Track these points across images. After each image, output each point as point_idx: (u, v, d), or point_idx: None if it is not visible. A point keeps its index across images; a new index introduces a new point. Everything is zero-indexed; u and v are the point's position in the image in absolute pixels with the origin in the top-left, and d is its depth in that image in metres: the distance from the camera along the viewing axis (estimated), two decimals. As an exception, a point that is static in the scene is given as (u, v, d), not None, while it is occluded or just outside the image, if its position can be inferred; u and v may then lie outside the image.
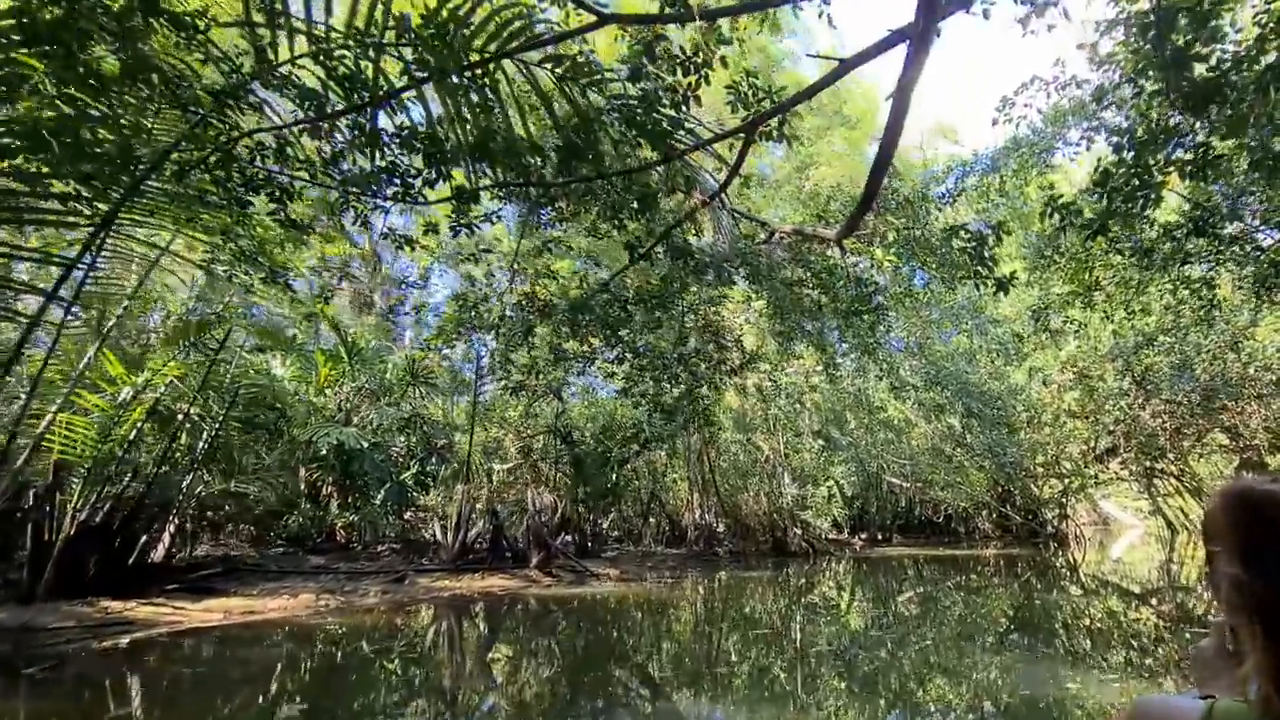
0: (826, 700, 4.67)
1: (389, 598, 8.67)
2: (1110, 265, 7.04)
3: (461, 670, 5.50)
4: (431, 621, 7.50)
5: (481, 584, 10.02)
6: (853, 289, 9.73)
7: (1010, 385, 17.67)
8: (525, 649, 6.34)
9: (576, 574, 11.35)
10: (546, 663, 5.73)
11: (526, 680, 5.13)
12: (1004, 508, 25.49)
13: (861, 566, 15.85)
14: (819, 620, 8.06)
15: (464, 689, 4.95)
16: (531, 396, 13.50)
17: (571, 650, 6.41)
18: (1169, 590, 11.09)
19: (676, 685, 4.94)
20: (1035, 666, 5.78)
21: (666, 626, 7.69)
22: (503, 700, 4.64)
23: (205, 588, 7.95)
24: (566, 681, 5.15)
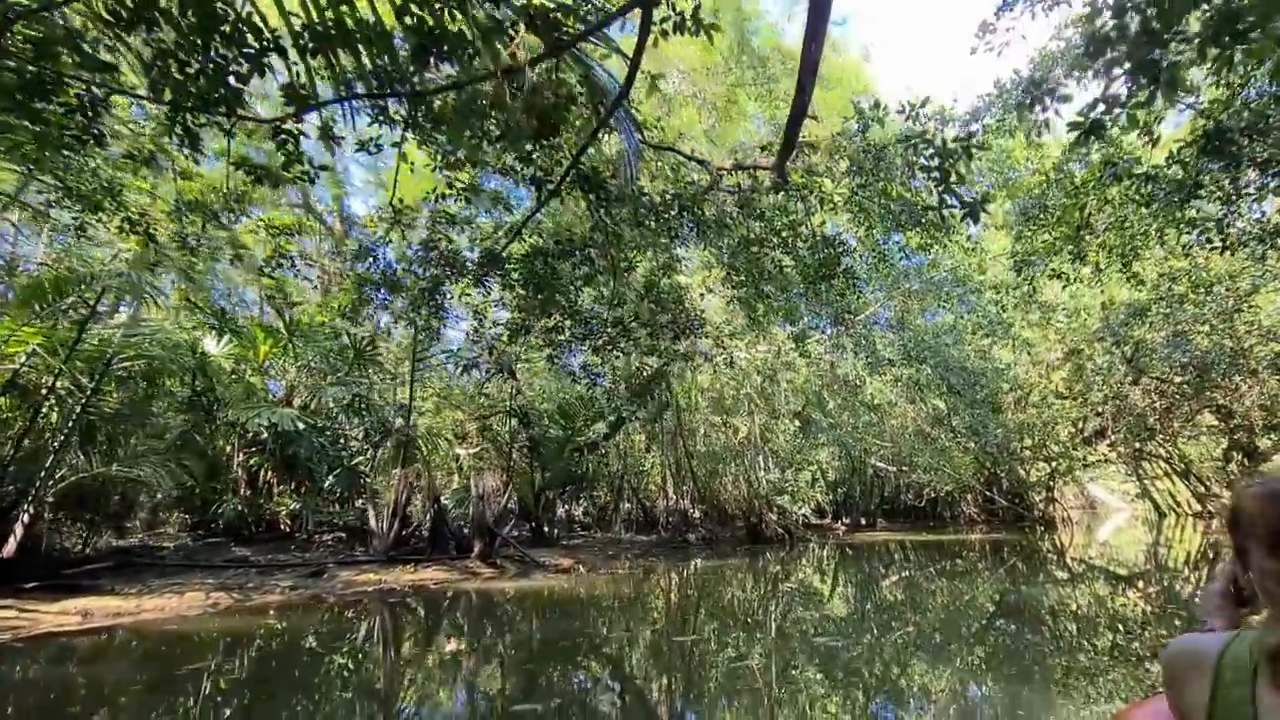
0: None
1: (296, 594, 7.68)
2: (1106, 200, 6.03)
3: (307, 692, 4.51)
4: (327, 623, 6.51)
5: (412, 577, 9.04)
6: (820, 251, 8.74)
7: (996, 365, 16.75)
8: (417, 661, 5.35)
9: (523, 564, 10.39)
10: (433, 679, 4.76)
11: (390, 708, 4.15)
12: (990, 491, 24.71)
13: (842, 553, 14.96)
14: (784, 617, 7.11)
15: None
16: (487, 374, 12.47)
17: (473, 659, 5.43)
18: (1156, 573, 10.65)
19: (566, 704, 3.99)
20: (1020, 662, 4.91)
21: (596, 626, 6.73)
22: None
23: (78, 585, 6.93)
24: (440, 703, 4.18)
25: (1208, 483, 25.91)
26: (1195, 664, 0.96)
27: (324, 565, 8.87)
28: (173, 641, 5.61)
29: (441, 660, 5.24)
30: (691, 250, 9.31)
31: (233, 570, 8.51)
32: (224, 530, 12.86)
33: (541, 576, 9.60)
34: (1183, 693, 0.97)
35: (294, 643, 5.71)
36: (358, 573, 8.92)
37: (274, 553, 10.66)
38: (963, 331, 16.61)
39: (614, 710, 3.97)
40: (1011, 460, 22.88)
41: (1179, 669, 0.99)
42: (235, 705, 4.02)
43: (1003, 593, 8.91)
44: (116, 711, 3.97)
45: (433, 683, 4.60)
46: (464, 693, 4.37)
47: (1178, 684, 0.99)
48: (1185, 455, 25.55)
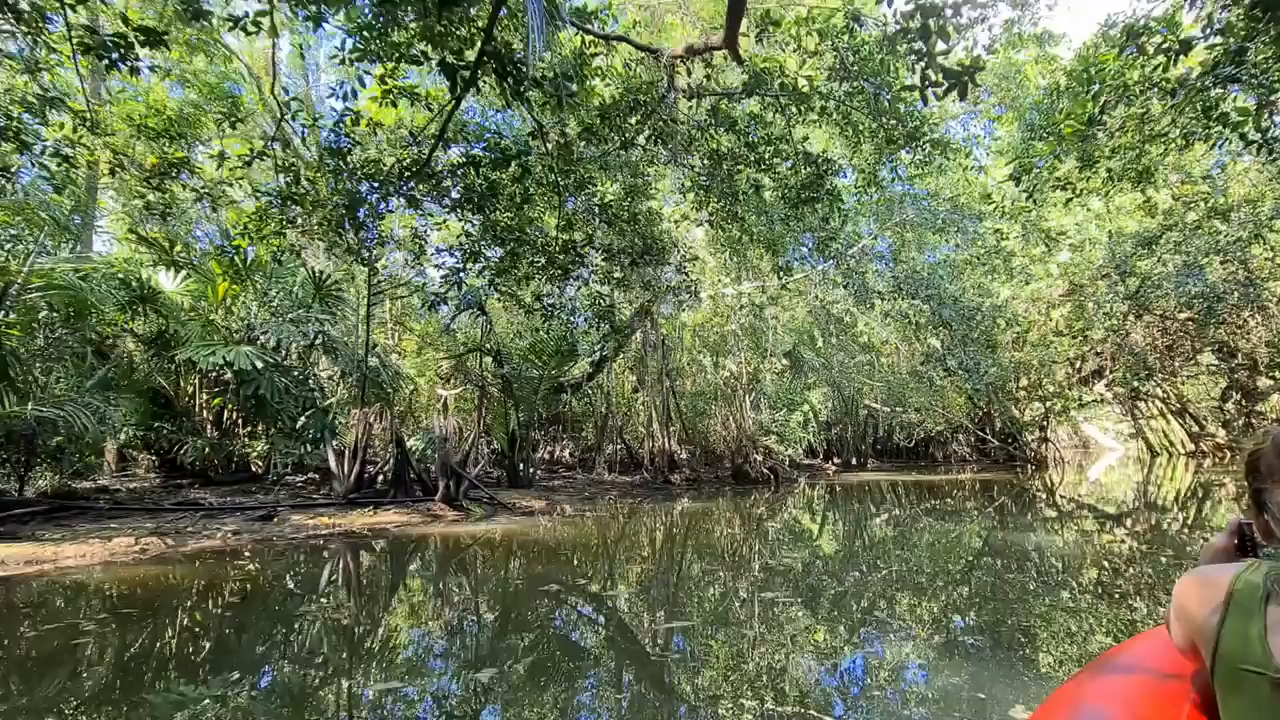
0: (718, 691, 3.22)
1: (238, 539, 7.23)
2: (1125, 89, 5.11)
3: (186, 646, 4.02)
4: (258, 570, 6.05)
5: (369, 520, 8.61)
6: (802, 169, 7.86)
7: (994, 301, 15.96)
8: (335, 615, 4.87)
9: (491, 507, 9.98)
10: (350, 637, 4.27)
11: (287, 668, 3.65)
12: (982, 432, 24.36)
13: (829, 494, 14.63)
14: (760, 561, 6.65)
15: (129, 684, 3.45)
16: (457, 310, 11.77)
17: (407, 609, 4.97)
18: (1144, 512, 10.41)
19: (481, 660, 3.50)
20: (1002, 600, 4.69)
21: (550, 573, 6.28)
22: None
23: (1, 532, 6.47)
24: (357, 658, 3.69)
25: (1203, 422, 25.56)
26: (1208, 588, 0.92)
27: (274, 509, 8.42)
28: (69, 593, 5.13)
29: (370, 613, 4.76)
30: (662, 170, 8.42)
31: (178, 514, 8.06)
32: (191, 472, 12.50)
33: (507, 520, 9.18)
34: (1194, 616, 0.93)
35: (205, 594, 5.23)
36: (311, 516, 8.48)
37: (238, 495, 10.25)
38: (959, 264, 15.76)
39: (564, 672, 3.47)
40: (1006, 400, 22.40)
41: (1192, 594, 0.95)
42: (53, 675, 3.52)
43: (988, 531, 8.48)
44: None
45: (348, 642, 4.11)
46: (383, 655, 3.87)
47: (1189, 610, 0.95)
48: (1182, 395, 25.10)
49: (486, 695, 3.14)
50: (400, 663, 3.65)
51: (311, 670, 3.49)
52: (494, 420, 12.62)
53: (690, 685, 3.28)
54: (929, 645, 3.83)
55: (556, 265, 6.52)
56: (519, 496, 11.22)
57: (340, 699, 3.17)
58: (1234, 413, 24.41)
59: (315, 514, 8.64)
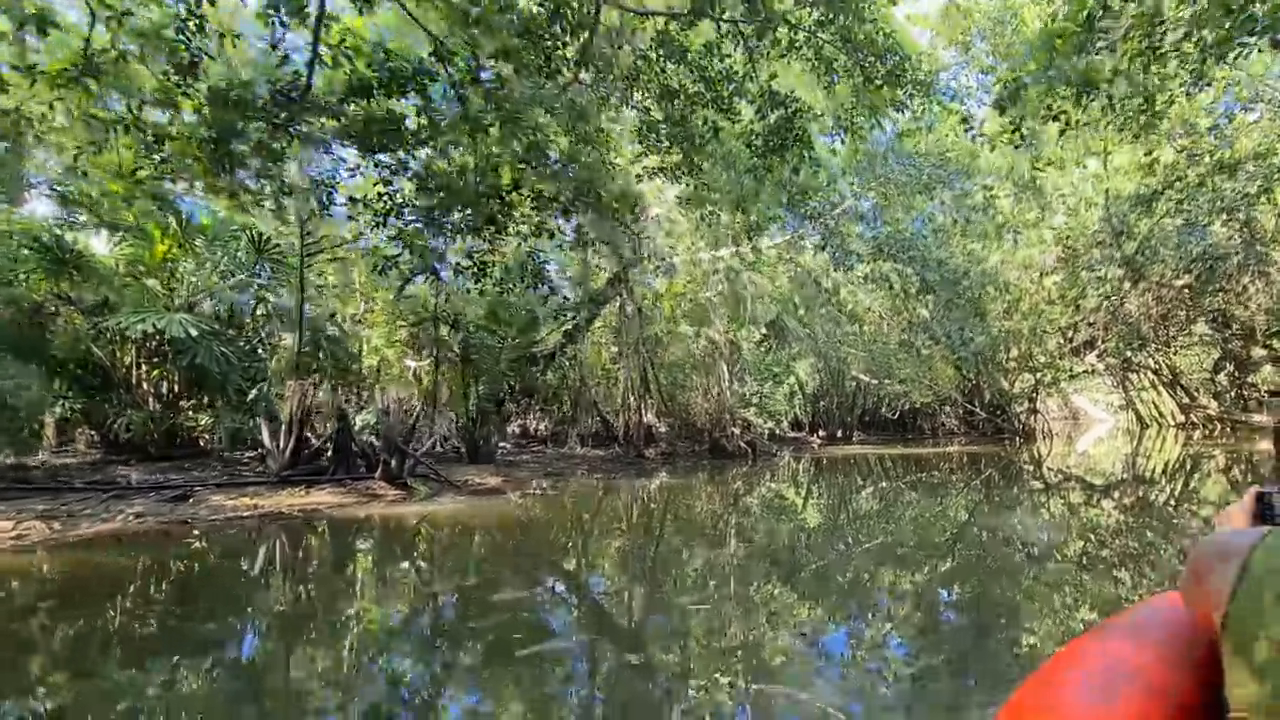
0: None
1: (142, 523, 6.52)
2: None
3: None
4: (146, 561, 5.36)
5: (300, 500, 7.91)
6: (769, 111, 7.01)
7: (984, 269, 15.17)
8: (202, 624, 4.19)
9: (439, 484, 9.31)
10: (204, 653, 3.59)
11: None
12: (971, 404, 23.81)
13: (811, 468, 14.04)
14: (711, 557, 6.00)
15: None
16: (401, 273, 10.91)
17: (297, 612, 4.30)
18: (1132, 483, 10.17)
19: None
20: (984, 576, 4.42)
21: (482, 564, 5.62)
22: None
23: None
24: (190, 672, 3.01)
25: (1194, 394, 25.09)
26: (1224, 554, 0.87)
27: (191, 488, 7.71)
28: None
29: (246, 625, 4.08)
30: (615, 113, 7.54)
31: (85, 494, 7.35)
32: (130, 448, 11.75)
33: (453, 500, 8.50)
34: (1206, 582, 0.88)
35: (64, 592, 4.54)
36: (234, 496, 7.77)
37: (172, 472, 9.53)
38: (949, 229, 14.93)
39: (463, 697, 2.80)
40: (995, 371, 21.80)
41: (1205, 559, 0.91)
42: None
43: (970, 506, 7.87)
44: None
45: (196, 661, 3.42)
46: (241, 678, 3.19)
47: (1202, 575, 0.90)
48: (1174, 366, 24.59)
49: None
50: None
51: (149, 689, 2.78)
52: (453, 392, 11.89)
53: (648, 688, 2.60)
54: (906, 627, 3.55)
55: (481, 215, 5.70)
56: (476, 473, 10.54)
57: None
58: (1226, 384, 23.94)
59: (240, 494, 7.94)
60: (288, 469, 8.87)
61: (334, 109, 4.66)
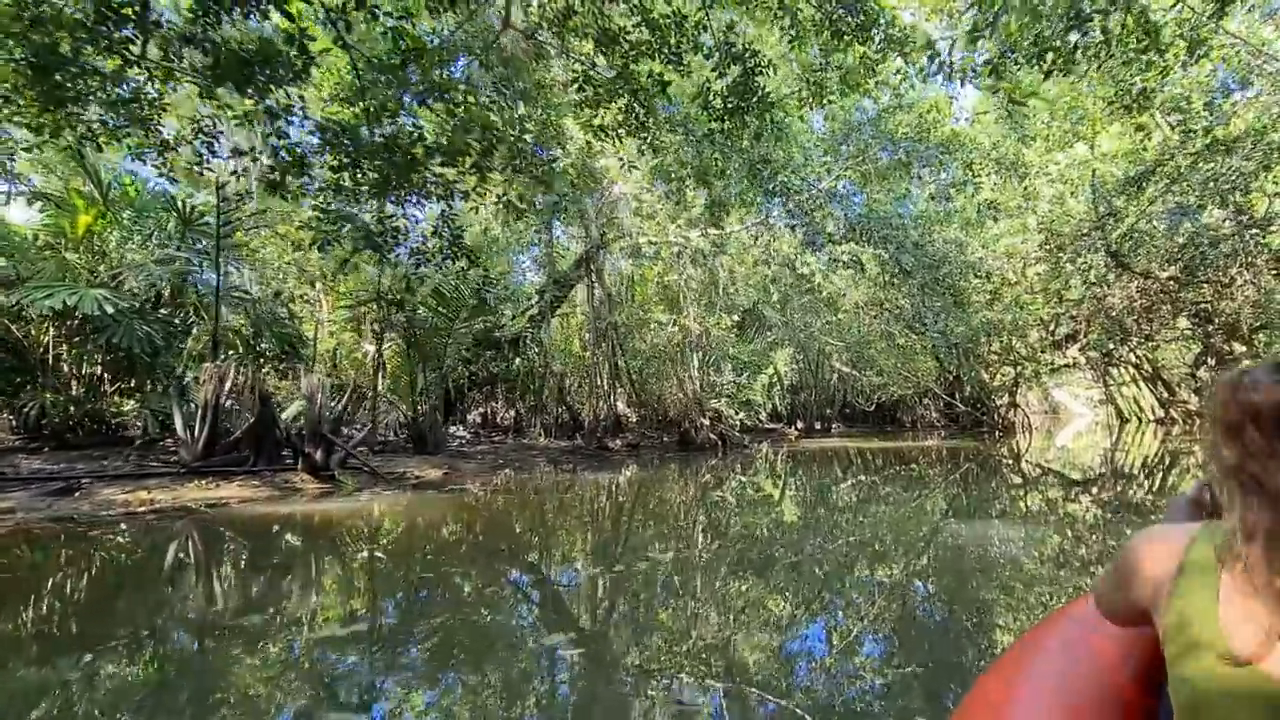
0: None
1: (7, 520, 5.71)
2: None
3: None
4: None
5: (207, 494, 7.10)
6: (725, 66, 6.24)
7: (966, 257, 14.52)
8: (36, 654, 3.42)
9: (370, 477, 8.53)
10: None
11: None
12: (951, 397, 23.33)
13: (784, 461, 13.39)
14: (651, 568, 5.30)
15: None
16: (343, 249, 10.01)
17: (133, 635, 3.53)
18: (1110, 479, 9.91)
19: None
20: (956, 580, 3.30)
21: (387, 571, 4.87)
22: None
23: None
24: None
25: (1175, 389, 24.82)
26: (1162, 549, 0.86)
27: (78, 480, 6.88)
28: None
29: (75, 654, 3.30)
30: (547, 62, 6.72)
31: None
32: (50, 434, 10.84)
33: (384, 495, 7.73)
34: (1146, 579, 0.87)
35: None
36: (130, 489, 6.94)
37: (80, 461, 8.67)
38: (925, 210, 14.25)
39: None
40: (975, 364, 21.30)
41: (1145, 554, 0.89)
42: None
43: (949, 500, 7.22)
44: None
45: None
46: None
47: (1142, 571, 0.88)
48: (1155, 361, 24.28)
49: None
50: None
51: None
52: (397, 378, 11.09)
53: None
54: (877, 627, 3.38)
55: (383, 172, 4.90)
56: (418, 465, 9.77)
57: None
58: (1206, 380, 23.64)
59: (138, 487, 7.11)
60: (200, 459, 8.03)
61: (188, 33, 3.84)
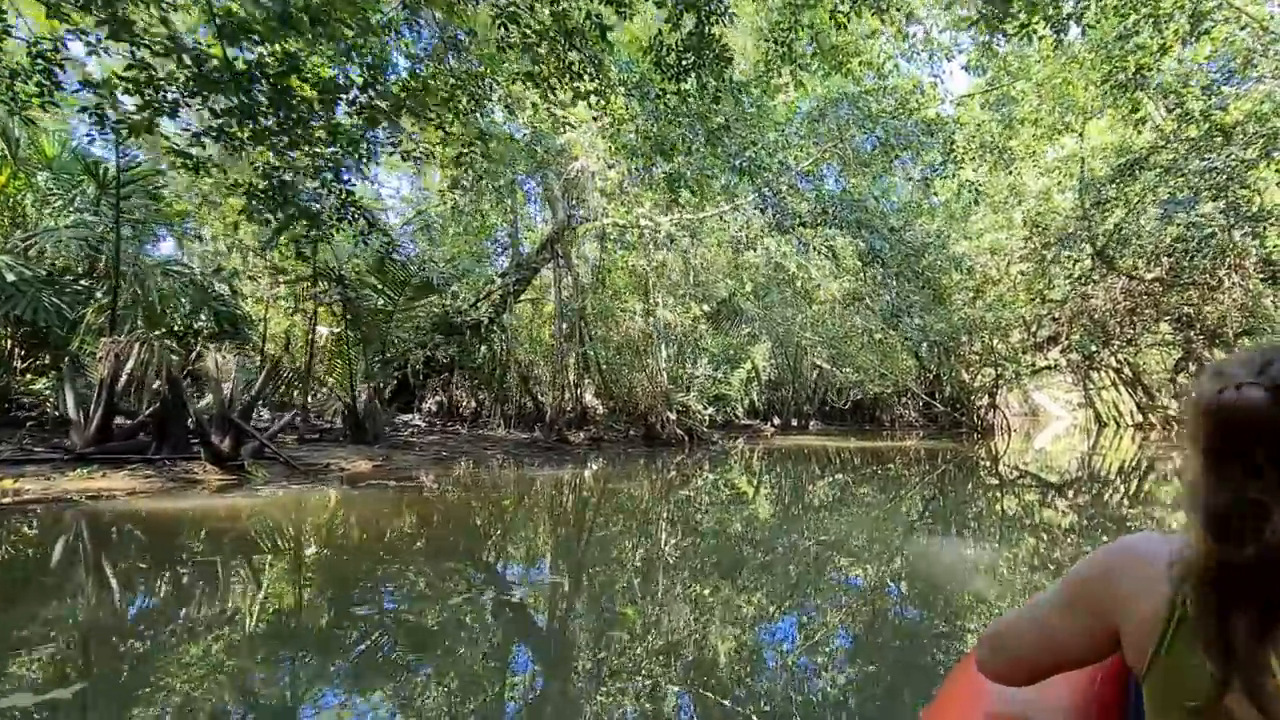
0: None
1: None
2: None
3: None
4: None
5: (92, 484, 6.27)
6: (684, 24, 5.51)
7: (946, 246, 13.88)
8: None
9: (287, 469, 7.74)
10: None
11: None
12: (931, 396, 22.84)
13: (757, 459, 12.74)
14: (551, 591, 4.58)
15: None
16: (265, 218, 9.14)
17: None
18: (1087, 482, 9.65)
19: None
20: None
21: (261, 583, 4.10)
22: None
23: None
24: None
25: (1154, 394, 24.56)
26: (1147, 559, 0.73)
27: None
28: None
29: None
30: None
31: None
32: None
33: (294, 489, 6.94)
34: (1120, 592, 0.74)
35: None
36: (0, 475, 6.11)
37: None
38: (906, 196, 13.59)
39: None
40: (956, 363, 20.81)
41: (1121, 567, 0.76)
42: None
43: (925, 503, 6.58)
44: None
45: None
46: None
47: (1115, 584, 0.75)
48: (1136, 365, 24.00)
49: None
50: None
51: None
52: (332, 361, 10.27)
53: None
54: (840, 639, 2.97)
55: (266, 116, 4.11)
56: (349, 457, 8.98)
57: None
58: (1186, 385, 23.39)
59: (11, 473, 6.27)
60: (92, 445, 7.19)
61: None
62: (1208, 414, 0.68)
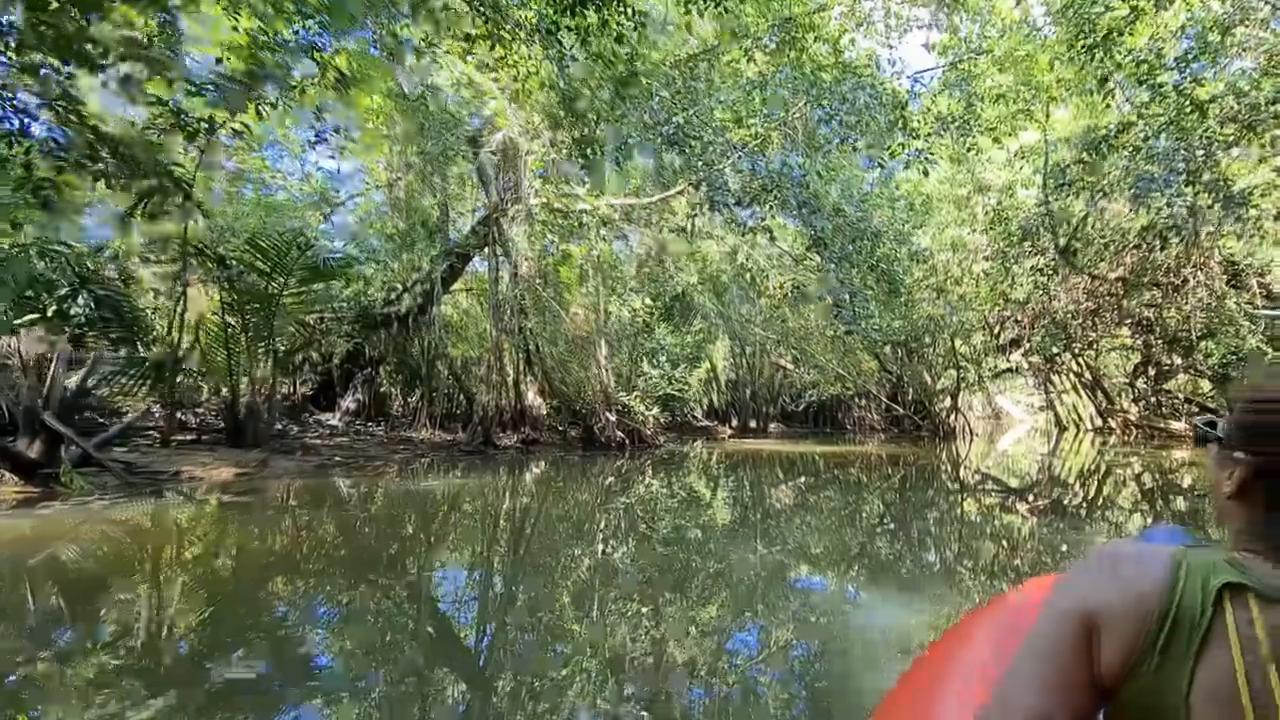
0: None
1: None
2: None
3: None
4: None
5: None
6: None
7: (908, 242, 13.09)
8: None
9: (121, 476, 6.47)
10: None
11: None
12: (893, 399, 22.22)
13: (703, 466, 11.75)
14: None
15: None
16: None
17: None
18: (1047, 486, 9.33)
19: None
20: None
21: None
22: None
23: None
24: None
25: (1115, 398, 24.40)
26: (1139, 565, 0.69)
27: None
28: None
29: None
30: None
31: None
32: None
33: (123, 503, 5.69)
34: (1114, 586, 0.69)
35: None
36: None
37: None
38: (874, 199, 12.77)
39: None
40: (918, 365, 20.18)
41: (1122, 562, 0.71)
42: None
43: (878, 524, 5.62)
44: None
45: None
46: None
47: (1112, 576, 0.69)
48: (1096, 369, 23.79)
49: None
50: None
51: None
52: (211, 350, 8.97)
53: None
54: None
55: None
56: (213, 463, 7.70)
57: None
58: (1145, 390, 23.21)
59: None
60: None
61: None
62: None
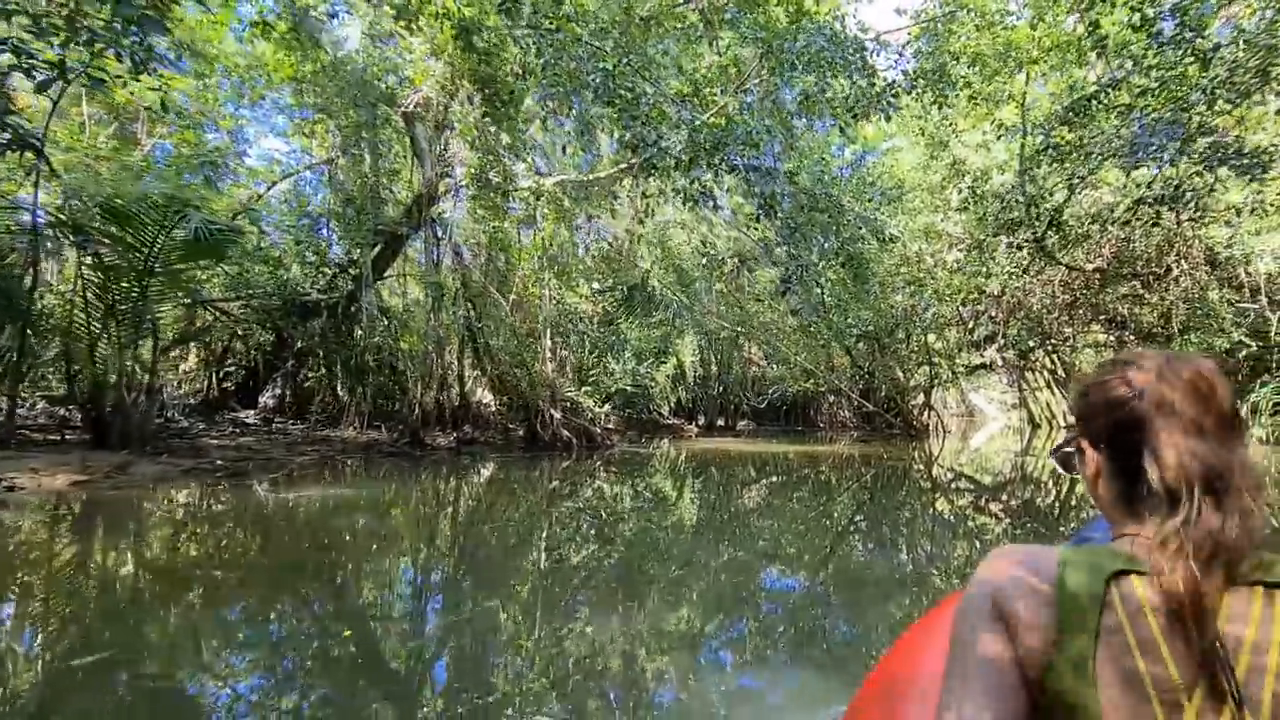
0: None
1: None
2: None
3: None
4: None
5: None
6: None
7: (876, 226, 12.20)
8: None
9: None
10: None
11: None
12: (865, 396, 21.45)
13: (658, 469, 10.70)
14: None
15: None
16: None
17: None
18: (1019, 485, 9.15)
19: None
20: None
21: None
22: None
23: None
24: None
25: (1088, 395, 24.07)
26: (1029, 567, 0.68)
27: None
28: None
29: None
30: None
31: None
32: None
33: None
34: (1018, 615, 0.66)
35: None
36: None
37: None
38: (851, 185, 11.82)
39: None
40: (890, 360, 19.40)
41: (1014, 580, 0.68)
42: None
43: (840, 539, 4.63)
44: None
45: None
46: None
47: (1014, 608, 0.67)
48: (1070, 366, 23.37)
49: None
50: None
51: None
52: (73, 337, 7.67)
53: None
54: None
55: None
56: (49, 467, 6.43)
57: None
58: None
59: None
60: None
61: None
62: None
